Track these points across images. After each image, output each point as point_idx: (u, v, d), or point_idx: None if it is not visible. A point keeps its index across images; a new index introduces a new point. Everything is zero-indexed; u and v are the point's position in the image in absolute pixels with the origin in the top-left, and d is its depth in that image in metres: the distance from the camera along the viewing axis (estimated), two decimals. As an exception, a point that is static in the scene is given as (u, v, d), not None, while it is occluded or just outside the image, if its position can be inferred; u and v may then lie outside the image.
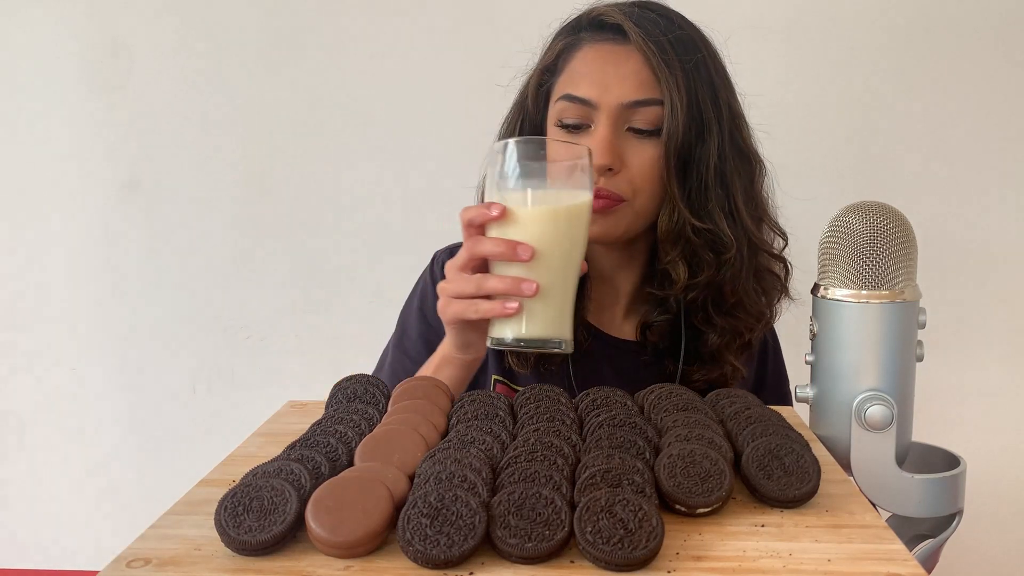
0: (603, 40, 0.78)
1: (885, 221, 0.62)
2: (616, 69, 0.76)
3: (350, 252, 1.45)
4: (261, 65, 1.41)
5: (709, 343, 0.83)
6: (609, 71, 0.76)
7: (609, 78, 0.76)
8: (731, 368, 0.84)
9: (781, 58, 1.33)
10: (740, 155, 0.80)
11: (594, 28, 0.79)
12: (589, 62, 0.78)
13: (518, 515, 0.44)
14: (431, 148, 1.38)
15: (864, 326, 0.63)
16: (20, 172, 1.46)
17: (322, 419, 0.60)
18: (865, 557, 0.45)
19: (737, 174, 0.79)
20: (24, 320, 1.51)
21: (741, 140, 0.80)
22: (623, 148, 0.77)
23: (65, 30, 1.41)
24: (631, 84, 0.75)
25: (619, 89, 0.75)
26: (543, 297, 0.65)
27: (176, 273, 1.48)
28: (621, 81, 0.75)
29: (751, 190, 0.81)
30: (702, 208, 0.77)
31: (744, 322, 0.82)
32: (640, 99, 0.75)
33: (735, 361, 0.84)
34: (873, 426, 0.62)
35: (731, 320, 0.82)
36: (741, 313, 0.82)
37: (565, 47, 0.81)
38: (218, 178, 1.44)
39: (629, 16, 0.76)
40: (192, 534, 0.47)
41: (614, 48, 0.77)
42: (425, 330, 0.90)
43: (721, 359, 0.84)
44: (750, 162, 0.81)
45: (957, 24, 1.31)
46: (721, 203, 0.78)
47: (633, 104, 0.75)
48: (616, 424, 0.57)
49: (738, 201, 0.78)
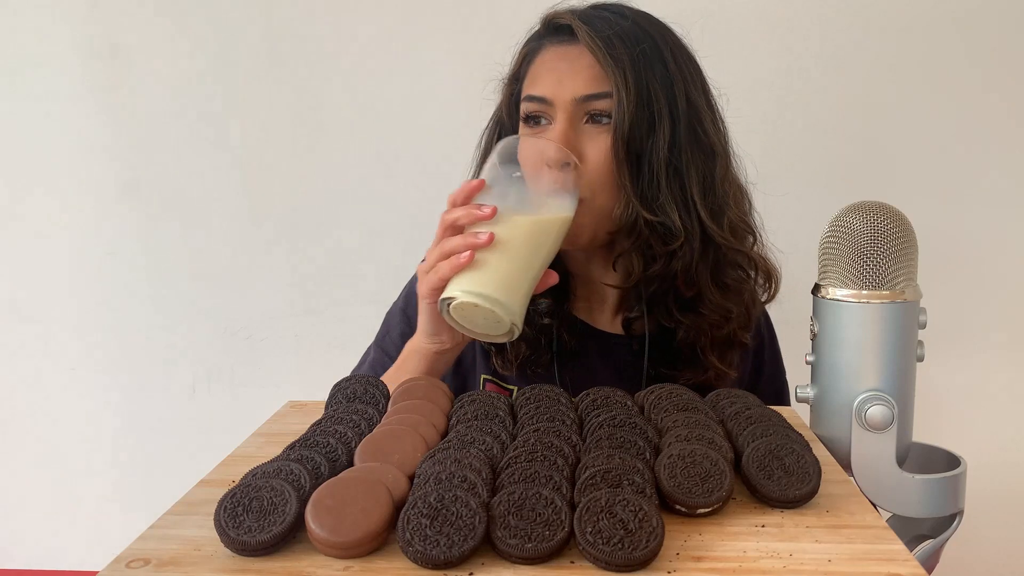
0: (558, 42, 0.80)
1: (886, 221, 0.62)
2: (569, 66, 0.78)
3: (350, 252, 1.44)
4: (260, 66, 1.40)
5: (678, 339, 0.83)
6: (563, 68, 0.78)
7: (563, 75, 0.78)
8: (714, 372, 0.83)
9: (781, 56, 1.33)
10: (698, 146, 0.79)
11: (551, 32, 0.82)
12: (546, 63, 0.80)
13: (518, 515, 0.44)
14: (432, 149, 1.38)
15: (864, 326, 0.63)
16: (20, 172, 1.46)
17: (322, 419, 0.60)
18: (865, 557, 0.45)
19: (693, 166, 0.78)
20: (24, 320, 1.51)
21: (701, 132, 0.79)
22: (580, 142, 0.78)
23: (65, 30, 1.41)
24: (583, 79, 0.77)
25: (572, 84, 0.77)
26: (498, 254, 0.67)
27: (176, 273, 1.48)
28: (574, 77, 0.77)
29: (710, 182, 0.80)
30: (654, 200, 0.77)
31: (708, 318, 0.81)
32: (592, 93, 0.77)
33: (717, 363, 0.83)
34: (873, 426, 0.62)
35: (694, 317, 0.81)
36: (704, 309, 0.81)
37: (527, 54, 0.84)
38: (218, 178, 1.44)
39: (578, 16, 0.79)
40: (192, 534, 0.47)
41: (568, 48, 0.79)
42: (407, 330, 0.91)
43: (699, 360, 0.83)
44: (711, 154, 0.80)
45: (958, 24, 1.31)
46: (675, 195, 0.78)
47: (585, 98, 0.77)
48: (616, 424, 0.57)
49: (693, 193, 0.78)
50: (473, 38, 1.34)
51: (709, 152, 0.80)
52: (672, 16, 0.83)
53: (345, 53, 1.39)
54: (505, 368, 0.86)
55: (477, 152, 0.89)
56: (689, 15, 0.83)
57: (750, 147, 0.87)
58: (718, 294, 0.81)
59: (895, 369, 0.63)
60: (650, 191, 0.77)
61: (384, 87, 1.39)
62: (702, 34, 0.84)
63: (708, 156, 0.80)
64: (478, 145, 0.89)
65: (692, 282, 0.80)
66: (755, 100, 1.32)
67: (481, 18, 1.34)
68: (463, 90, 0.86)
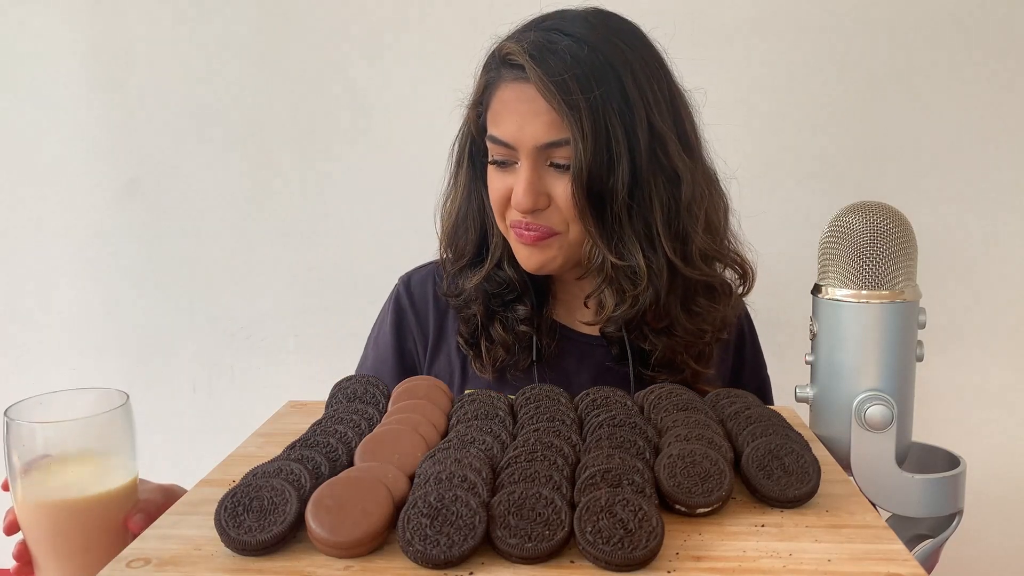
0: (514, 79, 0.77)
1: (885, 221, 0.62)
2: (529, 107, 0.76)
3: (350, 252, 1.44)
4: (261, 66, 1.40)
5: (656, 355, 0.83)
6: (523, 110, 0.76)
7: (524, 119, 0.76)
8: (691, 372, 0.84)
9: (781, 56, 1.33)
10: (662, 173, 0.77)
11: (505, 65, 0.79)
12: (506, 103, 0.78)
13: (518, 515, 0.44)
14: (432, 149, 1.37)
15: (864, 326, 0.63)
16: (20, 172, 1.46)
17: (322, 419, 0.60)
18: (865, 557, 0.45)
19: (656, 196, 0.77)
20: (24, 319, 1.51)
21: (664, 157, 0.77)
22: (548, 185, 0.77)
23: (65, 30, 1.41)
24: (542, 125, 0.75)
25: (532, 130, 0.76)
26: None
27: (176, 273, 1.48)
28: (533, 121, 0.75)
29: (675, 211, 0.78)
30: (619, 242, 0.77)
31: (681, 340, 0.82)
32: (551, 140, 0.75)
33: (694, 365, 0.84)
34: (873, 426, 0.62)
35: (667, 339, 0.82)
36: (678, 332, 0.81)
37: (487, 83, 0.81)
38: (218, 178, 1.44)
39: (531, 54, 0.75)
40: (192, 534, 0.47)
41: (524, 87, 0.76)
42: (377, 363, 0.93)
43: (677, 366, 0.84)
44: (675, 180, 0.78)
45: (958, 23, 1.31)
46: (638, 233, 0.77)
47: (546, 146, 0.76)
48: (616, 424, 0.57)
49: (658, 227, 0.77)
50: (474, 39, 1.34)
51: (673, 177, 0.78)
52: (666, 14, 0.82)
53: (346, 53, 1.39)
54: (483, 372, 0.86)
55: (450, 162, 0.88)
56: (682, 15, 0.82)
57: (749, 147, 0.87)
58: (688, 320, 0.81)
59: (895, 369, 0.63)
60: (615, 232, 0.77)
61: (386, 89, 1.39)
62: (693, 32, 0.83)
63: (672, 182, 0.78)
64: (449, 155, 0.88)
65: (662, 315, 0.80)
66: (755, 100, 1.32)
67: (483, 19, 1.34)
68: (463, 90, 0.86)
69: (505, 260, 0.86)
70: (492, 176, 0.82)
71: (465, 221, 0.87)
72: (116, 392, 0.64)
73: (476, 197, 0.87)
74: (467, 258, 0.88)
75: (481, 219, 0.87)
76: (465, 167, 0.87)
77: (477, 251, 0.88)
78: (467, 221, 0.87)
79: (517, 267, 0.85)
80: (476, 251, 0.88)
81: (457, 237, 0.88)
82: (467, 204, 0.87)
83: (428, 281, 0.94)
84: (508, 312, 0.86)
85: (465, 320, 0.88)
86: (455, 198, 0.88)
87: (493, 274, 0.86)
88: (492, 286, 0.86)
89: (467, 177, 0.87)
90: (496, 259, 0.86)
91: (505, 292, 0.87)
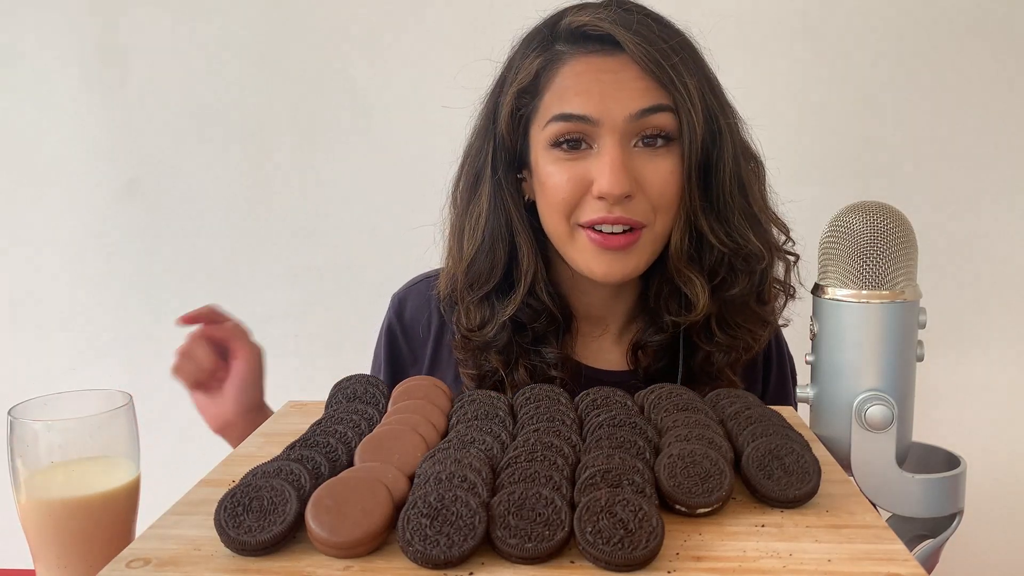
0: (591, 52, 0.70)
1: (885, 221, 0.62)
2: (614, 77, 0.68)
3: (349, 252, 1.44)
4: (261, 66, 1.40)
5: (712, 360, 0.76)
6: (607, 80, 0.68)
7: (608, 90, 0.68)
8: (727, 383, 0.78)
9: (780, 56, 1.33)
10: (748, 154, 0.74)
11: (575, 40, 0.71)
12: (580, 75, 0.70)
13: (518, 515, 0.44)
14: (432, 149, 1.37)
15: (864, 326, 0.63)
16: (20, 172, 1.46)
17: (322, 419, 0.60)
18: (865, 557, 0.45)
19: (754, 176, 0.73)
20: (23, 320, 1.51)
21: (747, 138, 0.75)
22: (635, 167, 0.69)
23: (65, 30, 1.41)
24: (634, 92, 0.68)
25: (622, 100, 0.67)
26: None
27: (175, 273, 1.48)
28: (622, 89, 0.68)
29: (764, 192, 0.75)
30: (727, 220, 0.71)
31: (750, 333, 0.76)
32: (649, 106, 0.67)
33: (733, 376, 0.78)
34: (873, 426, 0.62)
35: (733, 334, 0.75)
36: (749, 323, 0.75)
37: (544, 65, 0.72)
38: (218, 178, 1.44)
39: (619, 23, 0.68)
40: (192, 534, 0.47)
41: (606, 60, 0.69)
42: (379, 373, 0.90)
43: (720, 377, 0.77)
44: (757, 161, 0.75)
45: (959, 24, 1.31)
46: (744, 211, 0.71)
47: (641, 113, 0.68)
48: (616, 424, 0.57)
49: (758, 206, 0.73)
50: (474, 39, 1.34)
51: (755, 159, 0.74)
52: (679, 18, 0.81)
53: (346, 53, 1.39)
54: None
55: (460, 177, 0.81)
56: (682, 14, 0.82)
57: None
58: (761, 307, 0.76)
59: (895, 369, 0.63)
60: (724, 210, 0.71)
61: (386, 88, 1.39)
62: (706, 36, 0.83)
63: (757, 164, 0.74)
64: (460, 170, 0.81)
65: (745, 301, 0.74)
66: (755, 100, 1.32)
67: (485, 19, 1.34)
68: (464, 90, 0.85)
69: (541, 283, 0.76)
70: (555, 168, 0.70)
71: (492, 240, 0.76)
72: (119, 392, 0.65)
73: (503, 210, 0.76)
74: (493, 283, 0.76)
75: (510, 236, 0.76)
76: (488, 176, 0.76)
77: (506, 274, 0.76)
78: (495, 240, 0.76)
79: (552, 292, 0.76)
80: (504, 274, 0.76)
81: (480, 261, 0.76)
82: (495, 219, 0.76)
83: (422, 303, 0.87)
84: (534, 355, 0.76)
85: (478, 363, 0.78)
86: (479, 214, 0.77)
87: (526, 301, 0.75)
88: (525, 315, 0.76)
89: (491, 187, 0.76)
90: (529, 283, 0.75)
91: (537, 324, 0.76)
